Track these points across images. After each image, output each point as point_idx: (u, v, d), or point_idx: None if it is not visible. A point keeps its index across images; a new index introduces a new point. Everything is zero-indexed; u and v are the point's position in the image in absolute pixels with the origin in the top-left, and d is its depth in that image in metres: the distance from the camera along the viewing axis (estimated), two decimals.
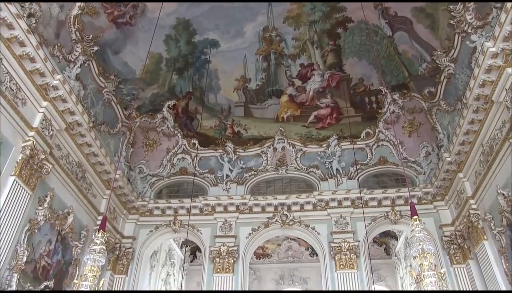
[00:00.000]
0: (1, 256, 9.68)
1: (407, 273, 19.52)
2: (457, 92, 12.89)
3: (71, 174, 13.05)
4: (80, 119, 12.43)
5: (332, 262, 15.07)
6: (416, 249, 6.19)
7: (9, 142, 10.12)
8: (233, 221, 16.34)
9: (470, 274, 13.62)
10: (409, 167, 16.45)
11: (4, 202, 9.81)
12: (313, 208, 16.27)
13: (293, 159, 17.51)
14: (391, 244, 21.81)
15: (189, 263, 22.95)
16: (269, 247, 22.75)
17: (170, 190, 17.74)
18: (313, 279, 22.03)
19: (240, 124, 17.89)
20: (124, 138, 15.87)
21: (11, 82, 10.11)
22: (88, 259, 6.25)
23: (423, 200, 15.62)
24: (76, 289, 6.00)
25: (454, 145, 13.29)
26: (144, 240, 16.52)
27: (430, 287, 5.80)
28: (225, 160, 17.42)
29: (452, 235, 14.59)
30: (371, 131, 17.16)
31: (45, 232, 11.65)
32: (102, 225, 6.66)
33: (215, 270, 15.30)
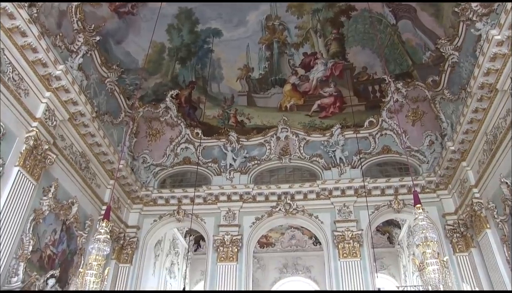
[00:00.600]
0: (8, 245, 9.77)
1: (410, 262, 19.58)
2: (461, 81, 12.82)
3: (75, 164, 13.10)
4: (83, 110, 12.45)
5: (336, 251, 15.12)
6: (419, 237, 6.21)
7: (13, 133, 10.15)
8: (236, 210, 16.40)
9: (473, 263, 13.65)
10: (413, 155, 16.43)
11: (9, 192, 9.87)
12: (316, 197, 16.30)
13: (296, 148, 17.50)
14: (394, 232, 21.86)
15: (193, 252, 23.07)
16: (272, 236, 22.83)
17: (174, 180, 17.78)
18: (316, 267, 22.12)
19: (243, 114, 17.88)
20: (127, 128, 15.89)
21: (14, 72, 10.11)
22: (92, 248, 6.30)
23: (426, 189, 15.62)
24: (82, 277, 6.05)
25: (458, 134, 13.25)
26: (148, 229, 16.62)
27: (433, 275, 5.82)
28: (229, 149, 17.44)
29: (455, 224, 14.60)
30: (374, 120, 17.12)
31: (50, 222, 11.74)
32: (106, 214, 6.71)
33: (219, 259, 15.39)
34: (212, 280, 15.12)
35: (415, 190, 7.16)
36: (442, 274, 5.80)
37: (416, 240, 6.35)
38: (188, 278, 21.65)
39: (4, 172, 9.78)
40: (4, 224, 9.68)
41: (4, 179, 9.80)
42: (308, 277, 22.70)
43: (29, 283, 10.60)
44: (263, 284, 22.36)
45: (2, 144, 9.72)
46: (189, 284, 21.43)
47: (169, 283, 19.78)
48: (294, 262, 23.14)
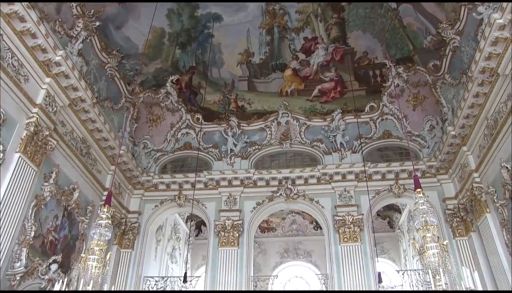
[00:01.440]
0: (10, 230, 9.84)
1: (410, 246, 19.70)
2: (462, 65, 12.76)
3: (76, 150, 13.12)
4: (83, 95, 12.42)
5: (336, 235, 15.20)
6: (420, 221, 6.23)
7: (13, 119, 10.16)
8: (237, 195, 16.46)
9: (472, 247, 13.74)
10: (413, 140, 16.43)
11: (10, 179, 9.92)
12: (317, 182, 16.33)
13: (297, 133, 17.50)
14: (395, 217, 21.96)
15: (195, 237, 23.21)
16: (273, 221, 22.94)
17: (175, 165, 17.82)
18: (317, 252, 22.26)
19: (244, 99, 17.85)
20: (128, 113, 15.88)
21: (13, 58, 10.08)
22: (94, 233, 6.33)
23: (427, 174, 15.64)
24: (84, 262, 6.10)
25: (459, 119, 13.23)
26: (150, 214, 16.70)
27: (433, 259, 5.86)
28: (229, 134, 17.44)
29: (455, 208, 14.65)
30: (375, 105, 17.09)
31: (51, 208, 11.81)
32: (108, 200, 6.73)
33: (220, 243, 15.49)
34: (213, 264, 15.23)
35: (415, 175, 7.17)
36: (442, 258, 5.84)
37: (416, 224, 6.37)
38: (190, 263, 21.79)
39: (5, 158, 9.80)
40: (6, 210, 9.74)
41: (5, 165, 9.83)
42: (309, 262, 22.87)
43: (32, 268, 10.72)
44: (264, 268, 22.53)
45: (2, 130, 9.73)
46: (190, 269, 21.60)
47: (171, 268, 19.94)
48: (295, 247, 23.29)
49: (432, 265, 5.78)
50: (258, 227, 18.31)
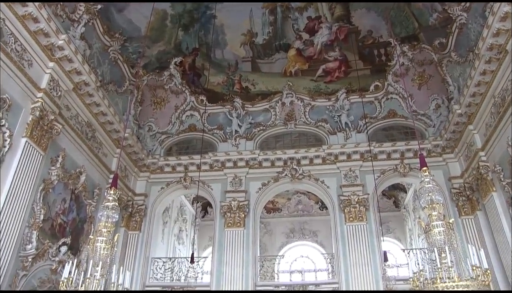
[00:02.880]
0: (20, 214, 10.00)
1: (416, 225, 19.77)
2: (469, 43, 12.61)
3: (81, 133, 13.17)
4: (87, 79, 12.42)
5: (342, 215, 15.27)
6: (425, 199, 6.23)
7: (19, 105, 10.20)
8: (243, 176, 16.52)
9: (478, 225, 13.77)
10: (419, 119, 16.35)
11: (18, 163, 10.02)
12: (322, 162, 16.35)
13: (302, 113, 17.46)
14: (400, 196, 21.99)
15: (201, 219, 23.38)
16: (279, 201, 23.04)
17: (180, 147, 17.87)
18: (323, 232, 22.37)
19: (248, 80, 17.77)
20: (132, 96, 15.88)
21: (16, 43, 10.07)
22: (101, 215, 6.39)
23: (433, 153, 15.60)
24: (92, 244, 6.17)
25: (465, 97, 13.13)
26: (156, 197, 16.81)
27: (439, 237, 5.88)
28: (234, 116, 17.43)
29: (460, 187, 14.65)
30: (380, 84, 16.99)
31: (59, 191, 11.92)
32: (114, 182, 6.77)
33: (227, 224, 15.60)
34: (220, 245, 15.37)
35: (421, 153, 7.15)
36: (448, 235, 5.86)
37: (422, 202, 6.38)
38: (197, 244, 21.99)
39: (12, 143, 9.87)
40: (15, 194, 9.88)
41: (12, 150, 9.90)
42: (315, 242, 23.02)
43: (42, 250, 10.92)
44: (271, 248, 22.72)
45: (9, 116, 9.79)
46: (197, 250, 21.80)
47: (178, 249, 20.14)
48: (300, 227, 23.42)
49: (438, 243, 5.80)
50: (264, 208, 18.41)
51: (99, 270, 5.84)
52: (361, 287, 13.79)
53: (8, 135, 9.74)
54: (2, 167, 9.64)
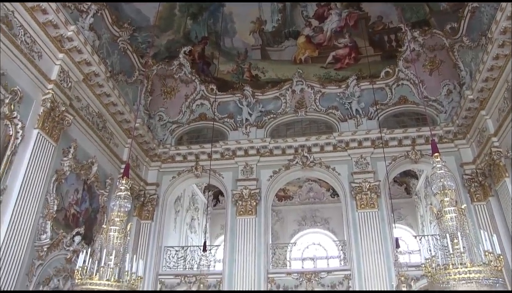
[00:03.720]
0: (34, 204, 10.14)
1: (428, 211, 19.68)
2: (482, 27, 12.42)
3: (92, 124, 13.25)
4: (97, 70, 12.46)
5: (353, 202, 15.27)
6: (437, 185, 6.18)
7: (30, 96, 10.28)
8: (254, 164, 16.55)
9: (490, 211, 13.68)
10: (430, 105, 16.21)
11: (31, 154, 10.13)
12: (333, 149, 16.32)
13: (312, 101, 17.40)
14: (412, 183, 21.89)
15: (213, 207, 23.49)
16: (290, 189, 23.04)
17: (191, 136, 17.93)
18: (334, 219, 22.36)
19: (258, 68, 17.70)
20: (142, 86, 15.92)
21: (26, 35, 10.12)
22: (114, 205, 6.44)
23: (444, 139, 15.48)
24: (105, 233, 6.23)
25: (477, 82, 12.96)
26: (168, 186, 16.92)
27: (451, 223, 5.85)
28: (244, 104, 17.42)
29: (473, 173, 14.54)
30: (390, 71, 16.84)
31: (71, 182, 12.05)
32: (125, 172, 6.82)
33: (238, 213, 15.68)
34: (232, 234, 15.47)
35: (432, 139, 7.11)
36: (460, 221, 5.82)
37: (434, 188, 6.32)
38: (209, 232, 22.14)
39: (24, 135, 9.97)
40: (29, 185, 10.01)
41: (25, 141, 10.01)
42: (327, 229, 23.03)
43: (57, 240, 11.09)
44: (282, 236, 22.78)
45: (20, 108, 9.89)
46: (209, 238, 21.95)
47: (190, 237, 20.29)
48: (312, 214, 23.43)
49: (450, 229, 5.77)
50: (275, 196, 18.43)
51: (113, 259, 5.90)
52: (373, 273, 13.82)
53: (20, 127, 9.83)
54: (16, 158, 9.75)
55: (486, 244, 5.36)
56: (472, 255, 5.48)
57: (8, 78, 9.57)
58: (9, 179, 9.54)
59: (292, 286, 14.44)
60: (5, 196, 9.36)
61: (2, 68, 9.33)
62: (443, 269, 5.35)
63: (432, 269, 5.52)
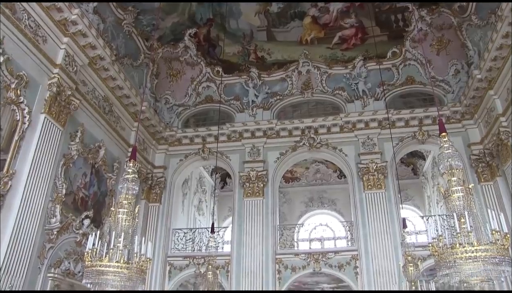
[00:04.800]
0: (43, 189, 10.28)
1: (435, 192, 19.65)
2: (491, 5, 12.20)
3: (99, 108, 13.29)
4: (102, 53, 12.44)
5: (360, 183, 15.29)
6: (444, 165, 6.15)
7: (36, 81, 10.32)
8: (260, 146, 16.57)
9: (498, 191, 13.63)
10: (437, 86, 16.07)
11: (38, 139, 10.21)
12: (340, 130, 16.28)
13: (319, 82, 17.31)
14: (419, 164, 21.82)
15: (220, 189, 23.59)
16: (297, 171, 23.05)
17: (197, 119, 17.95)
18: (341, 200, 22.40)
19: (264, 49, 17.57)
20: (148, 70, 15.90)
21: (30, 19, 10.12)
22: (122, 187, 6.46)
23: (452, 119, 15.37)
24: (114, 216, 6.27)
25: (486, 61, 12.79)
26: (175, 169, 17.01)
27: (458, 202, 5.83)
28: (250, 86, 17.37)
29: (480, 153, 14.46)
30: (397, 51, 16.67)
31: (79, 166, 12.15)
32: (133, 154, 6.83)
33: (246, 194, 15.76)
34: (239, 215, 15.58)
35: (440, 118, 7.04)
36: (467, 201, 5.80)
37: (441, 168, 6.29)
38: (216, 214, 22.28)
39: (31, 120, 10.03)
40: (37, 169, 10.12)
41: (32, 126, 10.09)
42: (334, 210, 23.09)
43: (66, 223, 11.24)
44: (290, 217, 22.88)
45: (26, 92, 9.93)
46: (217, 220, 22.10)
47: (198, 220, 20.44)
48: (319, 196, 23.48)
49: (457, 209, 5.76)
50: (282, 177, 18.46)
51: (122, 241, 5.94)
52: (380, 253, 13.91)
53: (27, 112, 9.90)
54: (23, 143, 9.84)
55: (493, 223, 5.34)
56: (479, 234, 5.48)
57: (14, 63, 9.61)
58: (18, 164, 9.65)
59: (299, 266, 14.56)
60: (15, 181, 9.48)
61: (7, 53, 9.35)
62: (450, 248, 5.36)
63: (439, 249, 5.52)
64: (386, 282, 13.44)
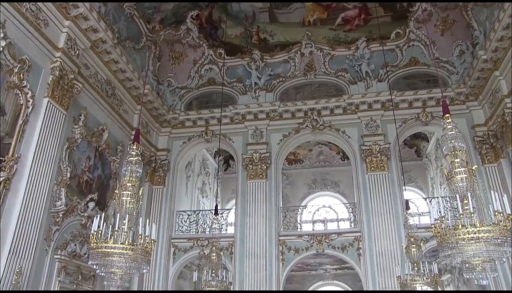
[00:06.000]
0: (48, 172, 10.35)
1: (438, 174, 19.66)
2: None
3: (102, 91, 13.28)
4: (104, 36, 12.39)
5: (363, 165, 15.31)
6: (448, 146, 6.14)
7: (38, 65, 10.31)
8: (263, 128, 16.57)
9: (502, 173, 13.61)
10: (441, 67, 15.95)
11: (42, 123, 10.24)
12: (343, 112, 16.25)
13: (321, 63, 17.22)
14: (422, 146, 21.79)
15: (223, 172, 23.67)
16: (300, 153, 23.07)
17: (200, 101, 17.92)
18: (344, 182, 22.46)
19: (266, 31, 17.44)
20: (150, 52, 15.84)
21: (30, 3, 10.05)
22: (126, 170, 6.50)
23: (456, 101, 15.28)
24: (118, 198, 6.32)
25: (491, 41, 12.65)
26: (178, 151, 17.05)
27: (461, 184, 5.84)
28: (253, 68, 17.30)
29: (484, 135, 14.40)
30: (401, 32, 16.51)
31: (83, 149, 12.20)
32: (136, 137, 6.85)
33: (249, 176, 15.81)
34: (243, 197, 15.66)
35: (443, 99, 7.02)
36: (470, 182, 5.80)
37: (444, 149, 6.28)
38: (220, 196, 22.40)
39: (35, 104, 10.05)
40: (42, 153, 10.17)
41: (35, 110, 10.11)
42: (337, 192, 23.16)
43: (71, 206, 11.34)
44: (293, 199, 22.97)
45: (29, 77, 9.93)
46: (221, 202, 22.22)
47: (202, 202, 20.57)
48: (322, 178, 23.53)
49: (460, 190, 5.77)
50: (285, 159, 18.48)
51: (126, 223, 6.00)
52: (383, 235, 14.00)
53: (30, 96, 9.91)
54: (28, 127, 9.88)
55: (496, 204, 5.35)
56: (481, 216, 5.50)
57: (16, 47, 9.60)
58: (23, 147, 9.71)
59: (303, 247, 14.67)
60: (20, 164, 9.53)
61: (9, 37, 9.33)
62: (452, 229, 5.38)
63: (441, 230, 5.55)
64: (388, 264, 13.54)
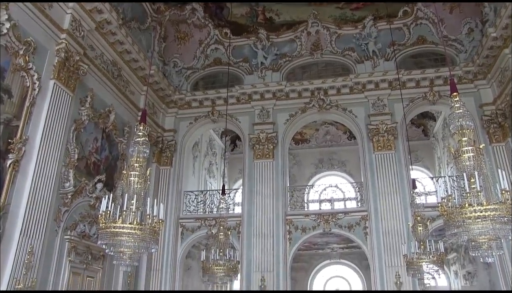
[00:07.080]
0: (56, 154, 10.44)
1: (445, 153, 19.58)
2: None
3: (108, 73, 13.27)
4: (108, 17, 12.33)
5: (370, 144, 15.28)
6: (455, 125, 6.11)
7: (44, 47, 10.31)
8: (270, 108, 16.53)
9: (509, 152, 13.52)
10: (450, 45, 15.76)
11: (49, 105, 10.29)
12: (350, 91, 16.16)
13: (328, 42, 17.06)
14: (429, 125, 21.67)
15: (230, 152, 23.71)
16: (307, 132, 23.03)
17: (206, 81, 17.88)
18: (351, 161, 22.44)
19: (272, 10, 17.25)
20: (155, 33, 15.76)
21: None
22: (133, 151, 6.54)
23: (464, 79, 15.12)
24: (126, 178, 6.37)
25: (502, 18, 12.42)
26: (185, 132, 17.09)
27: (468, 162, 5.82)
28: (259, 47, 17.18)
29: (492, 114, 14.27)
30: (409, 10, 16.28)
31: (90, 131, 12.26)
32: (143, 118, 6.87)
33: (256, 156, 15.85)
34: (250, 177, 15.73)
35: (451, 78, 6.95)
36: (478, 161, 5.79)
37: (452, 128, 6.24)
38: (227, 176, 22.49)
39: (41, 86, 10.09)
40: (49, 135, 10.25)
41: (42, 92, 10.15)
42: (344, 171, 23.16)
43: (80, 188, 11.45)
44: (300, 179, 23.01)
45: (35, 59, 9.95)
46: (228, 182, 22.32)
47: (209, 182, 20.68)
48: (329, 157, 23.51)
49: (467, 169, 5.76)
50: (292, 139, 18.47)
51: (134, 203, 6.06)
52: (390, 214, 14.04)
53: (36, 78, 9.94)
54: (35, 109, 9.93)
55: (503, 183, 5.35)
56: (488, 194, 5.50)
57: (21, 29, 9.59)
58: (30, 130, 9.78)
59: (310, 227, 14.76)
60: (28, 146, 9.62)
61: (13, 19, 9.31)
62: (459, 208, 5.39)
63: (448, 209, 5.56)
64: (395, 242, 13.62)
